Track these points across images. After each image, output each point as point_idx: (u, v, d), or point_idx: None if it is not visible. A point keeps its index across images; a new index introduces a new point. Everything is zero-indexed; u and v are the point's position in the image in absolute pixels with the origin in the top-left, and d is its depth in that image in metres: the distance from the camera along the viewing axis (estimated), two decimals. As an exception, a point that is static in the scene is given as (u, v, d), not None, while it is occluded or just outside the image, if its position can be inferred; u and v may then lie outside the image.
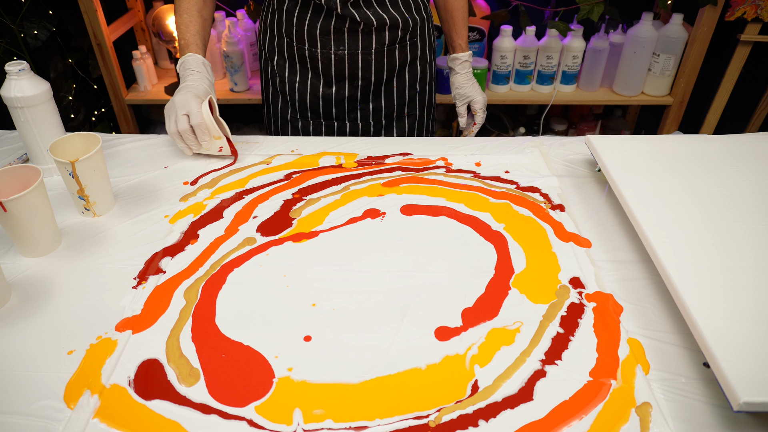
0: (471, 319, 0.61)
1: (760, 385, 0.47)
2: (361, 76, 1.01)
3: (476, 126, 1.13)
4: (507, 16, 1.53)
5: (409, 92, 1.07)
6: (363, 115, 1.06)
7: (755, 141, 0.84)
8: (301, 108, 1.06)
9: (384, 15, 0.95)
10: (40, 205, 0.68)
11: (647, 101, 1.69)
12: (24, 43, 1.59)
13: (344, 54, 0.98)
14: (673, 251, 0.62)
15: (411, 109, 1.10)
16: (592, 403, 0.52)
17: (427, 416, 0.51)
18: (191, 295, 0.64)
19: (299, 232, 0.74)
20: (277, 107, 1.09)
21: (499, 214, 0.77)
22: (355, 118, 1.06)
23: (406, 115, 1.09)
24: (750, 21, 1.49)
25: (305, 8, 0.95)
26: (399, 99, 1.07)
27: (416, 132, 1.14)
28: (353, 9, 0.93)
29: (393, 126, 1.09)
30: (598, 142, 0.83)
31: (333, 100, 1.03)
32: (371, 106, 1.05)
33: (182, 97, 0.85)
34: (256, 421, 0.51)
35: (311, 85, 1.02)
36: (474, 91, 1.11)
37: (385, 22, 0.96)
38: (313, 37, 0.96)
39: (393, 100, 1.06)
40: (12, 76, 0.79)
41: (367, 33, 0.96)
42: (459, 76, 1.11)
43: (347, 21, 0.94)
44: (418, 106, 1.10)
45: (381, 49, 0.99)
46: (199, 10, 0.95)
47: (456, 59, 1.10)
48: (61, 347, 0.58)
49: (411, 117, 1.11)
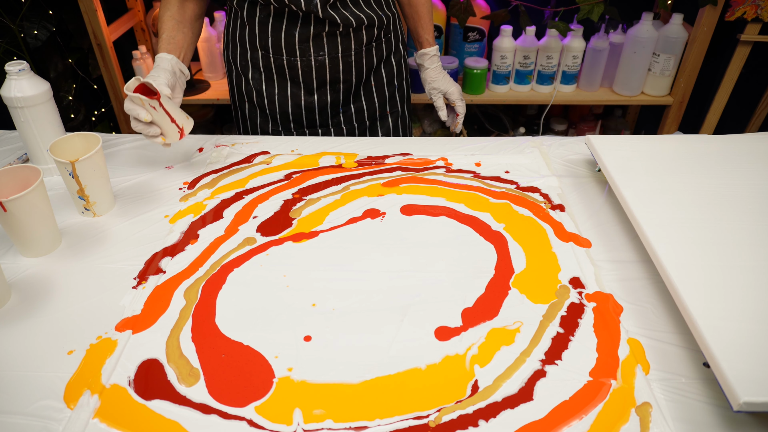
0: (471, 319, 0.61)
1: (760, 385, 0.47)
2: (343, 79, 1.00)
3: (460, 117, 1.13)
4: (507, 16, 1.53)
5: (388, 89, 1.07)
6: (346, 119, 1.06)
7: (755, 141, 0.84)
8: (283, 120, 1.05)
9: (361, 14, 0.95)
10: (40, 205, 0.68)
11: (647, 101, 1.69)
12: (24, 43, 1.59)
13: (325, 58, 0.97)
14: (673, 251, 0.62)
15: (393, 107, 1.10)
16: (592, 403, 0.52)
17: (427, 416, 0.51)
18: (191, 295, 0.64)
19: (299, 232, 0.74)
20: (256, 122, 1.07)
21: (499, 214, 0.77)
22: (338, 122, 1.06)
23: (389, 113, 1.09)
24: (750, 21, 1.49)
25: (279, 17, 0.93)
26: (380, 97, 1.06)
27: (400, 129, 1.13)
28: (332, 11, 0.92)
29: (377, 126, 1.09)
30: (598, 142, 0.83)
31: (316, 107, 1.02)
32: (353, 107, 1.05)
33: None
34: (256, 421, 0.51)
35: (292, 95, 1.01)
36: (447, 83, 1.10)
37: (363, 21, 0.95)
38: (292, 46, 0.95)
39: (374, 98, 1.06)
40: (12, 76, 0.79)
41: (345, 35, 0.96)
42: (430, 71, 1.10)
43: (326, 25, 0.93)
44: (398, 102, 1.10)
45: (360, 49, 0.98)
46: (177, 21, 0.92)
47: (424, 54, 1.09)
48: (61, 347, 0.58)
49: (393, 114, 1.10)
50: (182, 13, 0.93)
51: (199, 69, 1.80)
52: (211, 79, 1.78)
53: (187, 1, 0.94)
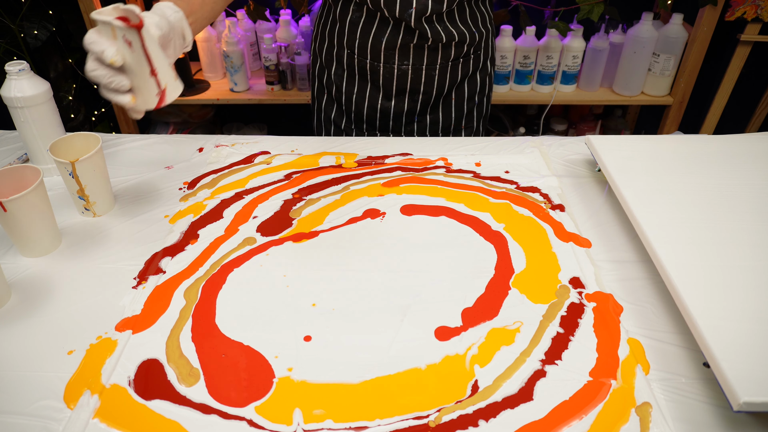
0: (471, 319, 0.61)
1: (760, 385, 0.47)
2: (423, 90, 0.99)
3: None
4: (507, 16, 1.53)
5: (467, 104, 1.05)
6: (420, 128, 1.04)
7: (755, 141, 0.84)
8: (357, 119, 1.04)
9: (453, 30, 0.92)
10: (40, 205, 0.68)
11: (647, 101, 1.69)
12: (24, 43, 1.59)
13: (408, 68, 0.96)
14: (673, 251, 0.62)
15: (468, 122, 1.07)
16: (592, 403, 0.52)
17: (427, 416, 0.51)
18: (191, 295, 0.64)
19: (299, 232, 0.74)
20: (330, 116, 1.07)
21: (499, 214, 0.77)
22: (411, 130, 1.05)
23: (464, 127, 1.07)
24: (750, 21, 1.49)
25: (371, 20, 0.92)
26: (457, 111, 1.04)
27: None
28: (426, 24, 0.90)
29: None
30: (598, 142, 0.83)
31: (391, 112, 1.02)
32: (429, 118, 1.04)
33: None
34: (256, 421, 0.51)
35: (370, 97, 1.00)
36: None
37: (454, 37, 0.93)
38: (378, 51, 0.94)
39: (451, 112, 1.04)
40: (12, 76, 0.79)
41: (433, 48, 0.94)
42: None
43: (415, 36, 0.91)
44: (475, 118, 1.08)
45: (446, 63, 0.97)
46: None
47: None
48: (61, 347, 0.58)
49: (468, 129, 1.08)
50: None
51: (199, 69, 1.80)
52: (211, 79, 1.78)
53: None
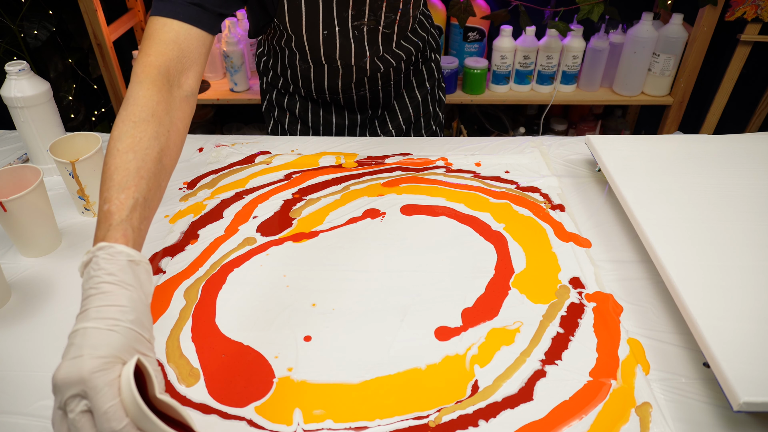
0: (471, 319, 0.61)
1: (760, 385, 0.47)
2: (383, 104, 1.01)
3: None
4: (507, 16, 1.53)
5: (420, 93, 1.05)
6: (381, 127, 1.05)
7: (755, 141, 0.84)
8: (314, 132, 1.04)
9: (402, 53, 0.93)
10: (40, 205, 0.68)
11: (647, 101, 1.69)
12: (24, 43, 1.59)
13: (366, 93, 0.97)
14: (673, 251, 0.62)
15: (425, 109, 1.08)
16: (592, 403, 0.52)
17: (427, 416, 0.51)
18: (191, 295, 0.64)
19: (299, 232, 0.74)
20: (284, 126, 1.05)
21: (499, 214, 0.77)
22: (374, 131, 1.06)
23: (422, 115, 1.08)
24: (750, 21, 1.49)
25: (320, 69, 0.92)
26: (412, 102, 1.06)
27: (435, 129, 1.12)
28: (378, 61, 0.91)
29: (411, 130, 1.08)
30: (598, 142, 0.83)
31: (346, 125, 1.03)
32: (387, 116, 1.05)
33: (71, 368, 0.39)
34: (256, 422, 0.51)
35: (324, 119, 1.01)
36: None
37: (405, 56, 0.94)
38: (335, 89, 0.95)
39: (407, 106, 1.05)
40: (12, 76, 0.79)
41: (385, 72, 0.95)
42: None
43: (369, 71, 0.92)
44: (430, 103, 1.08)
45: (399, 78, 0.98)
46: (159, 150, 0.53)
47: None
48: (61, 347, 0.57)
49: (426, 116, 1.09)
50: (169, 101, 0.56)
51: (199, 69, 1.80)
52: (210, 79, 1.78)
53: (187, 70, 0.61)
